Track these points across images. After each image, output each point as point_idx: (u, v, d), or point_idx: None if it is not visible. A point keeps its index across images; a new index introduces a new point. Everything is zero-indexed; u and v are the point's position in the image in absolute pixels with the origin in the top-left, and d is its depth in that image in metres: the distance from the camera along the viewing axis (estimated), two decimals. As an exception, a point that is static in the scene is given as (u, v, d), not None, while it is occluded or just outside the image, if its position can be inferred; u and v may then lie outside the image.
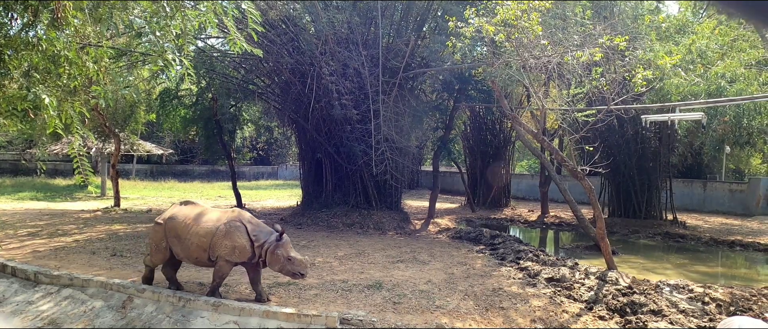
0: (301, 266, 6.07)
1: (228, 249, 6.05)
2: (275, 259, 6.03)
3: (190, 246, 6.17)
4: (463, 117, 21.04)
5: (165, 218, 6.42)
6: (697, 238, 13.92)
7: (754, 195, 20.22)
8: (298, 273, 6.07)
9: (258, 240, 6.09)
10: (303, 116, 14.11)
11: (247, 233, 6.10)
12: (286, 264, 6.02)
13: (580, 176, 8.62)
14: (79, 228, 12.29)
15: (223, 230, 6.09)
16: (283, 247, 6.03)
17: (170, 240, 6.31)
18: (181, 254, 6.32)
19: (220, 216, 6.31)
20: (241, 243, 6.05)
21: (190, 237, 6.16)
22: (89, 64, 5.45)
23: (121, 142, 18.59)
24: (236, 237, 6.06)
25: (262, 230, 6.22)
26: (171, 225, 6.30)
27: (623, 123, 15.25)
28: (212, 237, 6.08)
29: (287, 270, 6.07)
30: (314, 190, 15.58)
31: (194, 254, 6.21)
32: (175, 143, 35.36)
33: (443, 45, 11.62)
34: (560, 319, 6.50)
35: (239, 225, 6.14)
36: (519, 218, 18.39)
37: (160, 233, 6.37)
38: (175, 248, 6.32)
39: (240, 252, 6.07)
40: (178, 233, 6.24)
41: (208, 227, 6.14)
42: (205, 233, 6.12)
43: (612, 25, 10.08)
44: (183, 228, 6.22)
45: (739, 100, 10.05)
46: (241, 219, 6.23)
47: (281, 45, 13.10)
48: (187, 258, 6.34)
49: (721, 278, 10.13)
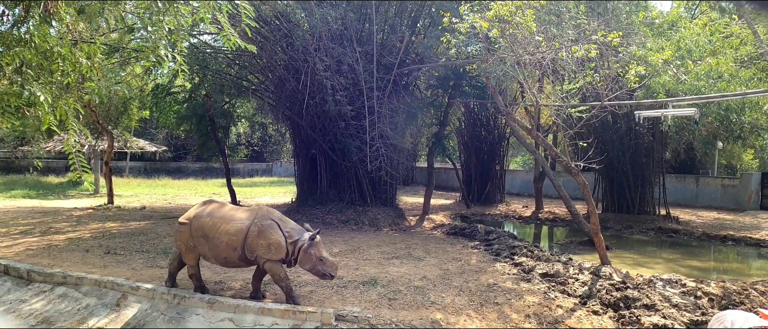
0: (332, 268, 6.01)
1: (264, 247, 5.94)
2: (307, 258, 5.94)
3: (219, 246, 6.02)
4: (458, 113, 21.06)
5: (190, 218, 6.26)
6: (690, 233, 14.02)
7: (746, 190, 20.38)
8: (328, 274, 5.99)
9: (291, 237, 6.01)
10: (297, 112, 14.08)
11: (280, 229, 6.02)
12: (317, 264, 5.94)
13: (574, 172, 8.66)
14: (72, 226, 12.22)
15: (255, 229, 5.97)
16: (315, 247, 5.96)
17: (196, 240, 6.15)
18: (208, 254, 6.16)
19: (249, 214, 6.19)
20: (277, 240, 5.96)
21: (219, 237, 6.01)
22: (82, 60, 5.40)
23: (114, 138, 18.47)
24: (270, 234, 5.96)
25: (294, 227, 6.14)
26: (197, 224, 6.15)
27: (617, 119, 15.31)
28: (245, 237, 5.96)
29: (317, 270, 5.98)
30: (309, 187, 15.57)
31: (223, 253, 6.06)
32: (168, 140, 35.20)
33: (438, 41, 11.61)
34: (554, 314, 6.54)
35: (271, 223, 6.04)
36: (513, 214, 18.46)
37: (186, 233, 6.21)
38: (201, 248, 6.16)
39: (276, 250, 5.96)
40: (206, 233, 6.08)
41: (239, 226, 6.01)
42: (236, 231, 5.99)
43: (606, 21, 10.11)
44: (211, 227, 6.07)
45: (730, 95, 10.11)
46: (271, 217, 6.12)
47: (275, 41, 13.05)
48: (215, 258, 6.18)
49: (714, 272, 10.22)
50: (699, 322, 6.35)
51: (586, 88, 8.79)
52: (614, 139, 15.83)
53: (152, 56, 4.94)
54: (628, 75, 8.30)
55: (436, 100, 16.63)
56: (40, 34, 5.19)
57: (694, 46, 10.51)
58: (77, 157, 5.58)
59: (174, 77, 16.37)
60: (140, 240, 10.27)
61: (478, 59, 10.42)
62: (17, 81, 5.30)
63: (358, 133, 12.62)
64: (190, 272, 6.40)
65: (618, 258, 10.23)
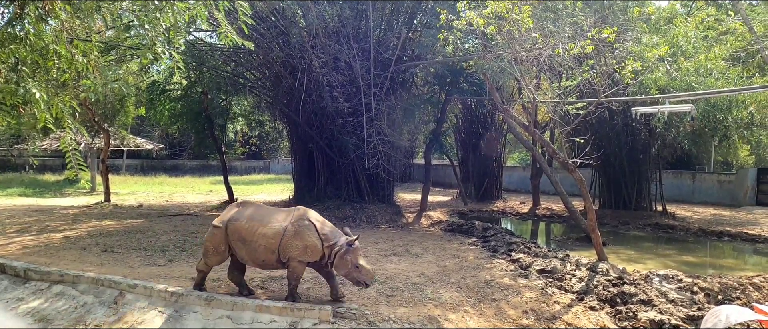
0: (368, 276, 5.91)
1: (299, 249, 5.87)
2: (343, 264, 5.86)
3: (257, 249, 5.93)
4: (455, 110, 21.08)
5: (225, 220, 6.13)
6: (687, 229, 14.08)
7: (742, 186, 20.47)
8: (364, 282, 5.89)
9: (328, 240, 5.92)
10: (294, 110, 14.06)
11: (316, 231, 5.93)
12: (353, 271, 5.85)
13: (571, 168, 8.68)
14: (69, 224, 12.19)
15: (291, 230, 5.89)
16: (353, 253, 5.85)
17: (233, 243, 6.04)
18: (246, 257, 6.05)
19: (286, 215, 6.10)
20: (312, 242, 5.87)
21: (256, 239, 5.92)
22: (78, 57, 5.38)
23: (110, 136, 18.42)
24: (306, 235, 5.88)
25: (331, 230, 6.04)
26: (233, 227, 6.03)
27: (614, 115, 15.35)
28: (281, 238, 5.88)
29: (352, 277, 5.89)
30: (306, 184, 15.56)
31: (261, 256, 5.98)
32: (164, 138, 35.11)
33: (435, 38, 11.60)
34: (552, 310, 6.56)
35: (308, 224, 5.95)
36: (511, 210, 18.50)
37: (220, 236, 6.09)
38: (239, 251, 6.05)
39: (312, 252, 5.89)
40: (243, 236, 5.98)
41: (276, 227, 5.93)
42: (274, 234, 5.90)
43: (603, 17, 10.12)
44: (248, 230, 5.98)
45: (726, 91, 10.14)
46: (308, 218, 6.04)
47: (271, 38, 13.02)
48: (253, 261, 6.07)
49: (710, 268, 10.27)
50: (695, 317, 6.38)
51: (582, 85, 8.80)
52: (611, 136, 15.87)
53: (150, 53, 4.92)
54: (624, 71, 8.32)
55: (433, 97, 16.63)
56: (35, 32, 5.17)
57: (687, 42, 10.53)
58: (74, 154, 5.55)
59: (170, 75, 16.33)
60: (137, 238, 10.25)
61: (475, 56, 10.42)
62: (13, 78, 5.28)
63: (356, 130, 12.61)
64: (200, 266, 6.33)
65: (615, 254, 10.26)
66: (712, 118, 13.39)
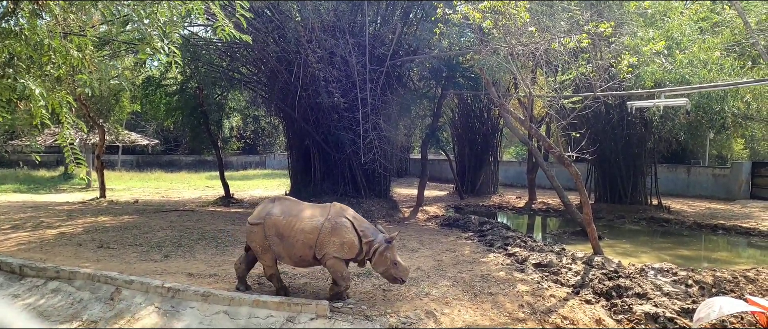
0: (405, 273, 5.97)
1: (336, 245, 5.82)
2: (382, 261, 5.88)
3: (294, 244, 5.88)
4: (451, 105, 21.07)
5: (262, 217, 6.05)
6: (682, 222, 14.16)
7: (736, 179, 20.58)
8: (400, 278, 5.92)
9: (366, 237, 5.90)
10: (290, 105, 14.03)
11: (354, 228, 5.91)
12: (391, 268, 5.88)
13: (566, 162, 8.71)
14: (64, 220, 12.14)
15: (328, 226, 5.84)
16: (391, 251, 5.89)
17: (270, 239, 5.98)
18: (282, 253, 6.00)
19: (322, 210, 6.07)
20: (350, 239, 5.84)
21: (295, 235, 5.87)
22: (73, 52, 5.34)
23: (105, 132, 18.33)
24: (344, 232, 5.85)
25: (368, 227, 6.04)
26: (271, 222, 5.97)
27: (609, 109, 15.37)
28: (318, 234, 5.84)
29: (390, 274, 5.93)
30: (303, 179, 15.55)
31: (299, 252, 5.91)
32: (160, 133, 34.97)
33: (430, 33, 11.58)
34: (548, 304, 6.60)
35: (345, 221, 5.92)
36: (507, 205, 18.54)
37: (260, 233, 6.01)
38: (276, 247, 5.99)
39: (349, 249, 5.84)
40: (280, 231, 5.92)
41: (314, 223, 5.88)
42: (312, 229, 5.85)
43: (599, 11, 10.11)
44: (285, 226, 5.92)
45: (722, 85, 10.16)
46: (345, 215, 6.00)
47: (266, 33, 12.97)
48: (290, 257, 6.02)
49: (705, 261, 10.34)
50: (690, 310, 6.43)
51: (578, 79, 8.81)
52: (607, 130, 15.91)
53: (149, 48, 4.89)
54: (620, 65, 8.33)
55: (429, 91, 16.62)
56: (29, 27, 5.13)
57: (682, 35, 10.55)
58: (73, 149, 5.51)
59: (166, 70, 16.25)
60: (133, 233, 10.23)
61: (471, 50, 10.41)
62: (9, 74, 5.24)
63: (352, 125, 12.60)
64: (268, 273, 6.21)
65: (610, 248, 10.32)
66: (708, 109, 13.43)
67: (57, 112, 5.35)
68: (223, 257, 8.36)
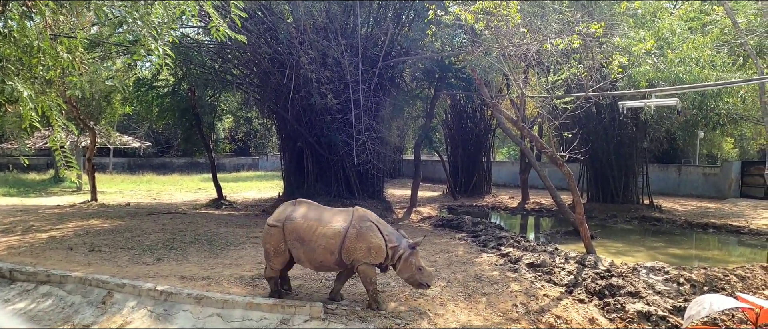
0: (429, 278, 5.88)
1: (363, 251, 5.74)
2: (407, 267, 5.78)
3: (316, 249, 5.78)
4: (444, 105, 21.11)
5: (281, 219, 5.96)
6: (673, 221, 14.27)
7: (726, 178, 20.78)
8: (425, 284, 5.85)
9: (392, 242, 5.83)
10: (283, 106, 14.00)
11: (380, 232, 5.84)
12: (416, 274, 5.79)
13: (559, 162, 8.75)
14: (55, 223, 12.04)
15: (354, 231, 5.77)
16: (415, 256, 5.83)
17: (290, 243, 5.88)
18: (303, 258, 5.91)
19: (345, 215, 5.98)
20: (377, 243, 5.77)
21: (316, 240, 5.77)
22: (63, 54, 5.30)
23: (96, 134, 18.19)
24: (370, 237, 5.77)
25: (391, 231, 5.96)
26: (291, 227, 5.87)
27: (601, 110, 15.47)
28: (343, 239, 5.75)
29: (414, 280, 5.83)
30: (296, 181, 15.51)
31: (319, 257, 5.81)
32: (151, 135, 34.76)
33: (423, 34, 11.60)
34: (541, 303, 6.62)
35: (371, 225, 5.85)
36: (500, 205, 18.60)
37: (278, 236, 5.91)
38: (295, 251, 5.89)
39: (376, 253, 5.77)
40: (301, 235, 5.82)
41: (337, 228, 5.79)
42: (334, 234, 5.76)
43: (590, 12, 10.18)
44: (306, 229, 5.83)
45: (711, 85, 10.25)
46: (369, 218, 5.93)
47: (258, 34, 12.93)
48: (310, 262, 5.91)
49: (696, 260, 10.42)
50: (681, 308, 6.48)
51: (570, 80, 8.86)
52: (598, 130, 16.01)
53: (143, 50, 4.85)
54: (611, 66, 8.39)
55: (421, 92, 16.65)
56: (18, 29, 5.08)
57: (672, 35, 10.65)
58: (63, 152, 5.46)
59: (158, 72, 16.15)
60: (125, 237, 10.16)
61: (463, 51, 10.43)
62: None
63: (345, 127, 12.59)
64: (268, 274, 6.14)
65: (603, 247, 10.37)
66: (703, 106, 13.54)
67: (47, 114, 5.30)
68: (216, 259, 8.32)
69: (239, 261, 8.23)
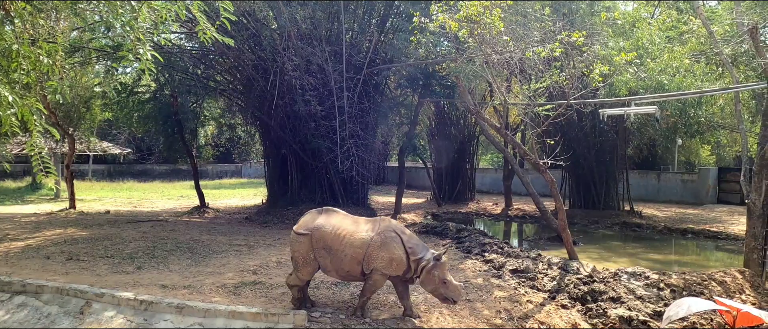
0: (455, 292, 5.64)
1: (384, 261, 5.65)
2: (430, 279, 5.62)
3: (343, 259, 5.70)
4: (428, 112, 21.23)
5: (310, 228, 5.83)
6: (653, 227, 14.51)
7: (704, 184, 21.21)
8: (451, 299, 5.64)
9: (415, 254, 5.70)
10: (267, 113, 13.92)
11: (402, 244, 5.72)
12: (440, 287, 5.62)
13: (542, 169, 8.84)
14: (31, 232, 11.76)
15: (377, 241, 5.68)
16: (440, 268, 5.62)
17: (317, 251, 5.78)
18: (329, 267, 5.81)
19: (372, 224, 5.91)
20: (399, 255, 5.66)
21: (343, 249, 5.69)
22: (43, 58, 5.19)
23: (75, 141, 17.85)
24: (393, 248, 5.67)
25: (417, 243, 5.83)
26: (319, 235, 5.76)
27: (582, 117, 15.71)
28: (367, 248, 5.67)
29: (439, 293, 5.67)
30: (280, 188, 15.42)
31: (346, 267, 5.73)
32: (132, 142, 34.26)
33: (407, 41, 11.66)
34: (525, 309, 6.66)
35: (394, 236, 5.74)
36: (484, 211, 18.71)
37: (307, 244, 5.79)
38: (322, 260, 5.79)
39: (397, 265, 5.68)
40: (328, 244, 5.72)
41: (363, 238, 5.71)
42: (361, 243, 5.68)
43: (571, 21, 10.36)
44: (334, 238, 5.73)
45: (690, 94, 10.49)
46: (394, 229, 5.84)
47: (242, 41, 12.86)
48: (337, 271, 5.83)
49: (675, 264, 10.59)
50: (662, 313, 6.56)
51: (552, 87, 8.98)
52: (580, 137, 16.24)
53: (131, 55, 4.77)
54: (592, 74, 8.52)
55: (406, 99, 16.70)
56: (-4, 33, 4.98)
57: (651, 44, 10.91)
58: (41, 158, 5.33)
59: (139, 77, 15.95)
60: (105, 245, 9.96)
61: (447, 58, 10.51)
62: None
63: (329, 134, 12.56)
64: (292, 282, 5.96)
65: (585, 253, 10.49)
66: (683, 114, 13.86)
67: (26, 119, 5.18)
68: (198, 268, 8.20)
69: (222, 269, 8.12)
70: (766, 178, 8.29)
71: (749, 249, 8.53)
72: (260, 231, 12.29)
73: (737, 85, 10.00)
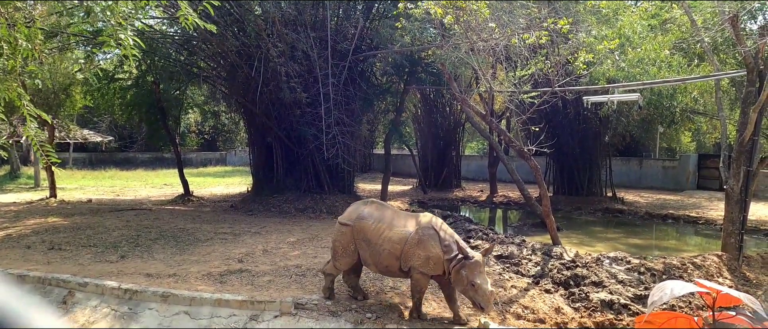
0: (484, 298, 5.20)
1: (421, 259, 5.44)
2: (459, 280, 5.30)
3: (381, 253, 5.58)
4: (414, 100, 21.19)
5: (352, 219, 5.79)
6: (635, 213, 14.76)
7: (684, 171, 21.60)
8: (479, 304, 5.24)
9: (448, 253, 5.40)
10: (251, 100, 13.77)
11: (439, 241, 5.48)
12: (468, 289, 5.26)
13: (526, 156, 8.91)
14: (11, 221, 11.56)
15: (415, 237, 5.50)
16: (468, 268, 5.23)
17: (358, 243, 5.71)
18: (369, 260, 5.73)
19: (413, 220, 5.74)
20: (436, 254, 5.42)
21: (381, 243, 5.57)
22: (22, 42, 5.06)
23: (54, 128, 17.51)
24: (430, 246, 5.44)
25: (452, 243, 5.48)
26: (360, 227, 5.70)
27: (566, 105, 15.84)
28: (404, 245, 5.51)
29: (468, 296, 5.36)
30: (265, 176, 15.32)
31: (384, 262, 5.61)
32: (114, 129, 33.71)
33: (393, 28, 11.60)
34: (509, 294, 6.75)
35: (433, 233, 5.51)
36: (469, 198, 18.85)
37: (349, 235, 5.75)
38: (362, 252, 5.73)
39: (434, 264, 5.43)
40: (368, 237, 5.64)
41: (402, 233, 5.55)
42: (399, 239, 5.53)
43: (556, 9, 10.37)
44: (374, 231, 5.63)
45: (671, 81, 10.62)
46: (434, 226, 5.59)
47: (225, 26, 12.66)
48: (376, 265, 5.73)
49: (656, 249, 10.81)
50: (643, 297, 6.72)
51: (537, 75, 9.03)
52: (564, 124, 16.39)
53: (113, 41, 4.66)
54: (576, 62, 8.58)
55: (391, 86, 16.65)
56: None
57: (633, 33, 10.99)
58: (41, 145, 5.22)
59: (121, 64, 15.65)
60: (87, 234, 9.83)
61: (433, 46, 10.48)
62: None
63: (314, 121, 12.49)
64: (328, 270, 5.91)
65: (568, 239, 10.65)
66: (658, 104, 14.06)
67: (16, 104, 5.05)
68: (183, 256, 8.15)
69: (207, 257, 8.08)
70: (744, 165, 8.46)
71: (727, 233, 8.73)
72: (246, 219, 12.24)
73: (718, 73, 10.16)
